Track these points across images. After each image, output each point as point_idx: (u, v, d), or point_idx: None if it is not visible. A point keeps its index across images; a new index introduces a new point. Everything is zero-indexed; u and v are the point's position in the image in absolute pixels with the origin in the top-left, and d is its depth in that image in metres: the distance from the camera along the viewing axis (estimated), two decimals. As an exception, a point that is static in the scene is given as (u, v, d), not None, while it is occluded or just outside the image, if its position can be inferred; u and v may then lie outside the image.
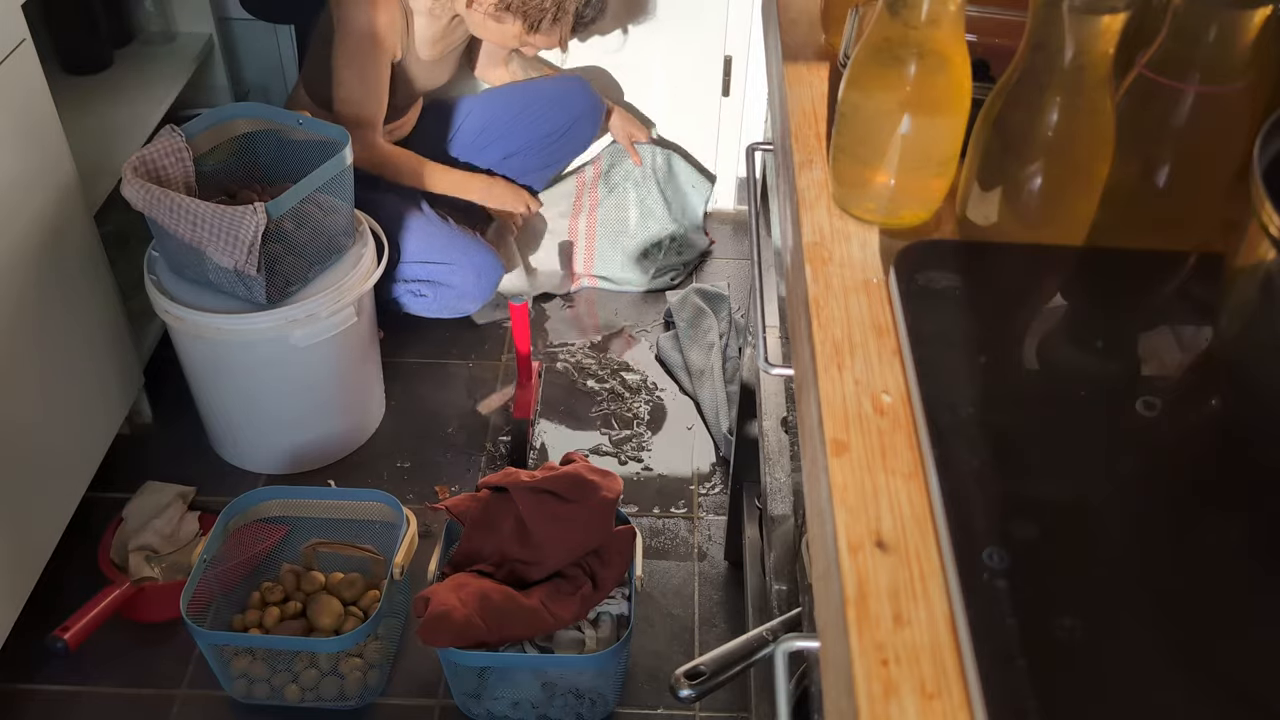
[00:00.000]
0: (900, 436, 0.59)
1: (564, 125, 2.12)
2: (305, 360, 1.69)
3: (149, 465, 1.80)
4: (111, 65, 2.01)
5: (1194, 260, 0.69)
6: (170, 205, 1.51)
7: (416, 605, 1.35)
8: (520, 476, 1.47)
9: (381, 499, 1.56)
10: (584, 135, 2.17)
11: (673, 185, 2.28)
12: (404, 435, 1.90)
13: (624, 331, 2.14)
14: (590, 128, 2.16)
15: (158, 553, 1.60)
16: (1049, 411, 0.61)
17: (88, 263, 1.64)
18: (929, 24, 0.66)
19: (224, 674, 1.46)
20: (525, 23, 1.80)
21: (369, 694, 1.48)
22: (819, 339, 0.66)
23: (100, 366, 1.69)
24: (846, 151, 0.74)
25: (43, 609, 1.52)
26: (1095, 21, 0.61)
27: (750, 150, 1.14)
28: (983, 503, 0.54)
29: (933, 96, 0.69)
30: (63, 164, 1.57)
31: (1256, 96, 0.65)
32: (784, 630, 0.98)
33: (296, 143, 1.72)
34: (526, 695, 1.43)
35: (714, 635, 1.60)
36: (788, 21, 0.99)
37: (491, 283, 1.98)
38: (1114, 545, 0.54)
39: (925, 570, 0.53)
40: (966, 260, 0.71)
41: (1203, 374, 0.63)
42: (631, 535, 1.47)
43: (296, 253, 1.62)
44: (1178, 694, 0.47)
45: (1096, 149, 0.66)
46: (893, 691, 0.48)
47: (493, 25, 1.84)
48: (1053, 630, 0.49)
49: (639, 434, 1.92)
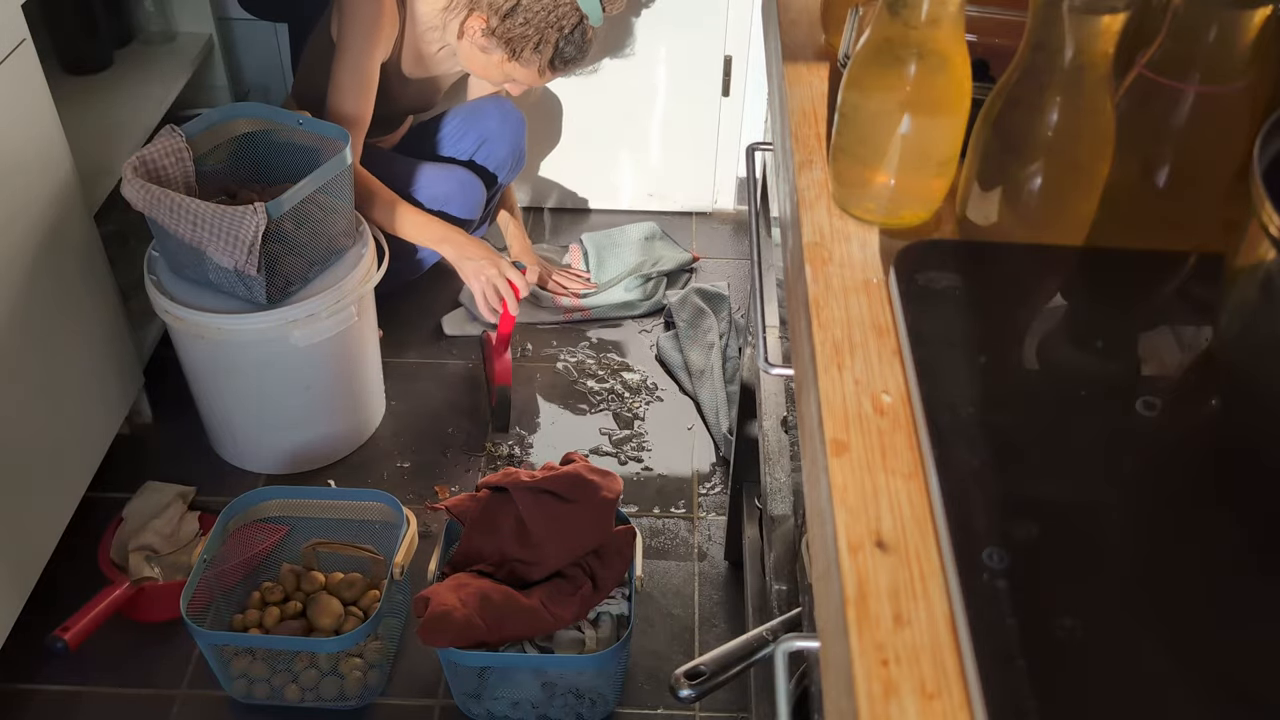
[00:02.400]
0: (900, 436, 0.59)
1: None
2: (305, 360, 1.69)
3: (149, 465, 1.80)
4: (111, 65, 2.01)
5: (1194, 260, 0.69)
6: (170, 205, 1.51)
7: (416, 605, 1.35)
8: (520, 476, 1.47)
9: (381, 499, 1.56)
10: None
11: (650, 249, 2.31)
12: (404, 435, 1.90)
13: (624, 332, 2.14)
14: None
15: (158, 553, 1.60)
16: (1049, 411, 0.61)
17: (88, 263, 1.64)
18: (929, 24, 0.66)
19: (224, 674, 1.46)
20: (508, 49, 1.79)
21: (369, 694, 1.48)
22: (819, 339, 0.66)
23: (100, 366, 1.69)
24: (846, 151, 0.74)
25: (43, 609, 1.52)
26: (1095, 21, 0.61)
27: (750, 150, 1.15)
28: (983, 503, 0.54)
29: (933, 96, 0.69)
30: (63, 164, 1.57)
31: (1256, 96, 0.65)
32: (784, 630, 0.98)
33: (296, 143, 1.72)
34: (526, 695, 1.43)
35: (714, 635, 1.60)
36: (788, 21, 0.99)
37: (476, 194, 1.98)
38: (1114, 545, 0.54)
39: (925, 570, 0.53)
40: (966, 260, 0.71)
41: (1203, 374, 0.63)
42: (631, 535, 1.47)
43: (296, 253, 1.62)
44: (1178, 694, 0.47)
45: (1096, 149, 0.66)
46: (893, 691, 0.48)
47: (479, 57, 1.84)
48: (1053, 630, 0.49)
49: (639, 434, 1.92)
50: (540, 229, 2.42)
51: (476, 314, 2.11)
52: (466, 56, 1.86)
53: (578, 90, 2.30)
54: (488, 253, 1.86)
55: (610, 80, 2.27)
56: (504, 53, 1.80)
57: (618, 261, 2.27)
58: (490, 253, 1.87)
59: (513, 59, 1.81)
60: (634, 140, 2.37)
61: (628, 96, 2.30)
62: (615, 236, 2.33)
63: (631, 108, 2.31)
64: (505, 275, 1.84)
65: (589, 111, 2.33)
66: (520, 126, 2.09)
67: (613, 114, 2.32)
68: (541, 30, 1.77)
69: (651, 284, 2.21)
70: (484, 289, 1.85)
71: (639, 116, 2.33)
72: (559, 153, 2.40)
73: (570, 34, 1.80)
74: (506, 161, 2.10)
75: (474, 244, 1.87)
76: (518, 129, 2.09)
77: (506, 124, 2.07)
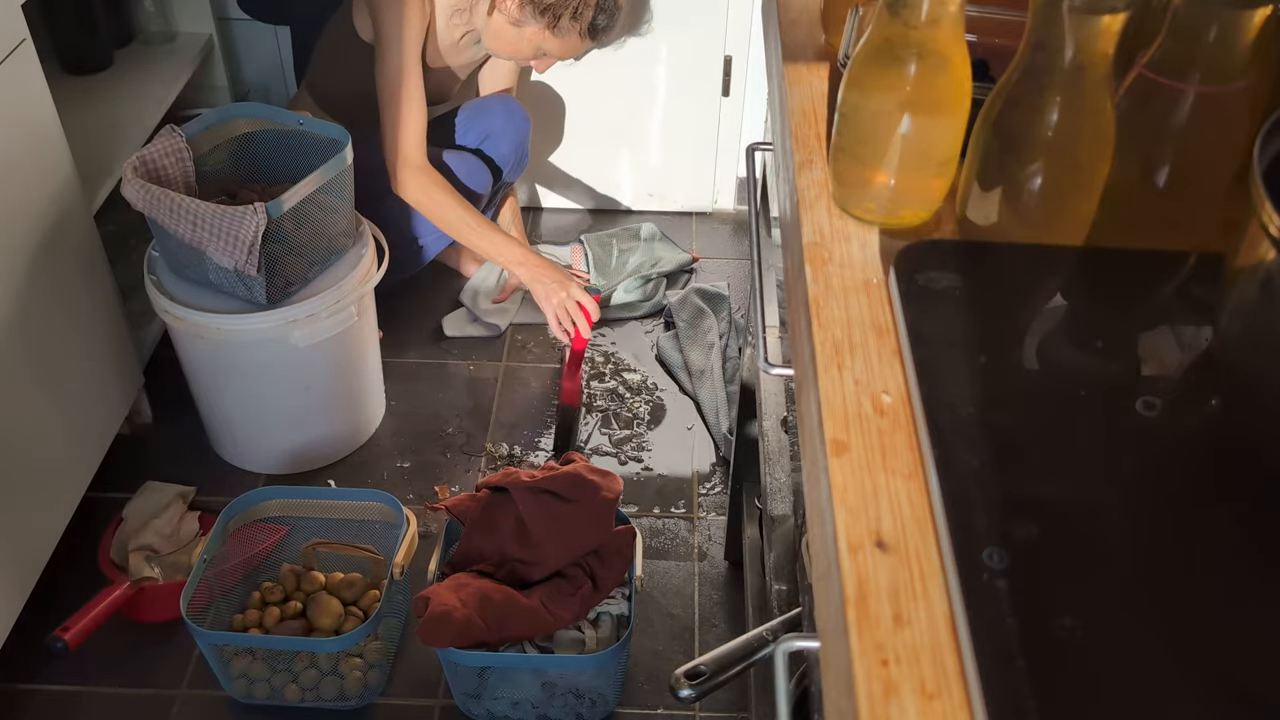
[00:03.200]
0: (900, 436, 0.59)
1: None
2: (305, 360, 1.69)
3: (149, 465, 1.80)
4: (111, 65, 2.01)
5: (1194, 260, 0.69)
6: (170, 205, 1.51)
7: (416, 605, 1.35)
8: (520, 476, 1.47)
9: (381, 499, 1.56)
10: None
11: (650, 251, 2.31)
12: (404, 435, 1.90)
13: (624, 332, 2.14)
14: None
15: (158, 553, 1.60)
16: (1049, 411, 0.61)
17: (88, 263, 1.64)
18: (929, 24, 0.66)
19: (224, 674, 1.46)
20: (546, 17, 1.78)
21: (369, 694, 1.48)
22: (819, 339, 0.66)
23: (100, 366, 1.69)
24: (846, 151, 0.74)
25: (43, 609, 1.52)
26: (1095, 21, 0.61)
27: (750, 150, 1.15)
28: (983, 503, 0.54)
29: (933, 96, 0.69)
30: (63, 164, 1.57)
31: (1256, 96, 0.65)
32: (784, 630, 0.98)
33: (296, 143, 1.72)
34: (526, 695, 1.43)
35: (714, 635, 1.60)
36: (788, 21, 0.99)
37: (484, 174, 2.01)
38: (1114, 545, 0.54)
39: (925, 570, 0.53)
40: (966, 260, 0.71)
41: (1203, 374, 0.63)
42: (631, 535, 1.47)
43: (296, 253, 1.62)
44: (1178, 693, 0.47)
45: (1096, 149, 0.66)
46: (893, 691, 0.48)
47: (509, 33, 1.83)
48: (1053, 630, 0.49)
49: (639, 434, 1.92)
50: (540, 229, 2.42)
51: (478, 314, 2.12)
52: (495, 34, 1.85)
53: (578, 90, 2.30)
54: (561, 276, 1.85)
55: (610, 80, 2.27)
56: (538, 23, 1.80)
57: (618, 263, 2.27)
58: (563, 276, 1.86)
59: (551, 28, 1.80)
60: (634, 140, 2.37)
61: (628, 96, 2.30)
62: (615, 237, 2.33)
63: (631, 108, 2.32)
64: (576, 298, 1.84)
65: (589, 111, 2.33)
66: (525, 125, 2.09)
67: (613, 114, 2.32)
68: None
69: (651, 284, 2.21)
70: (556, 312, 1.84)
71: (639, 116, 2.33)
72: (560, 153, 2.40)
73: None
74: (509, 158, 2.09)
75: (548, 267, 1.86)
76: (522, 127, 2.09)
77: (511, 122, 2.06)
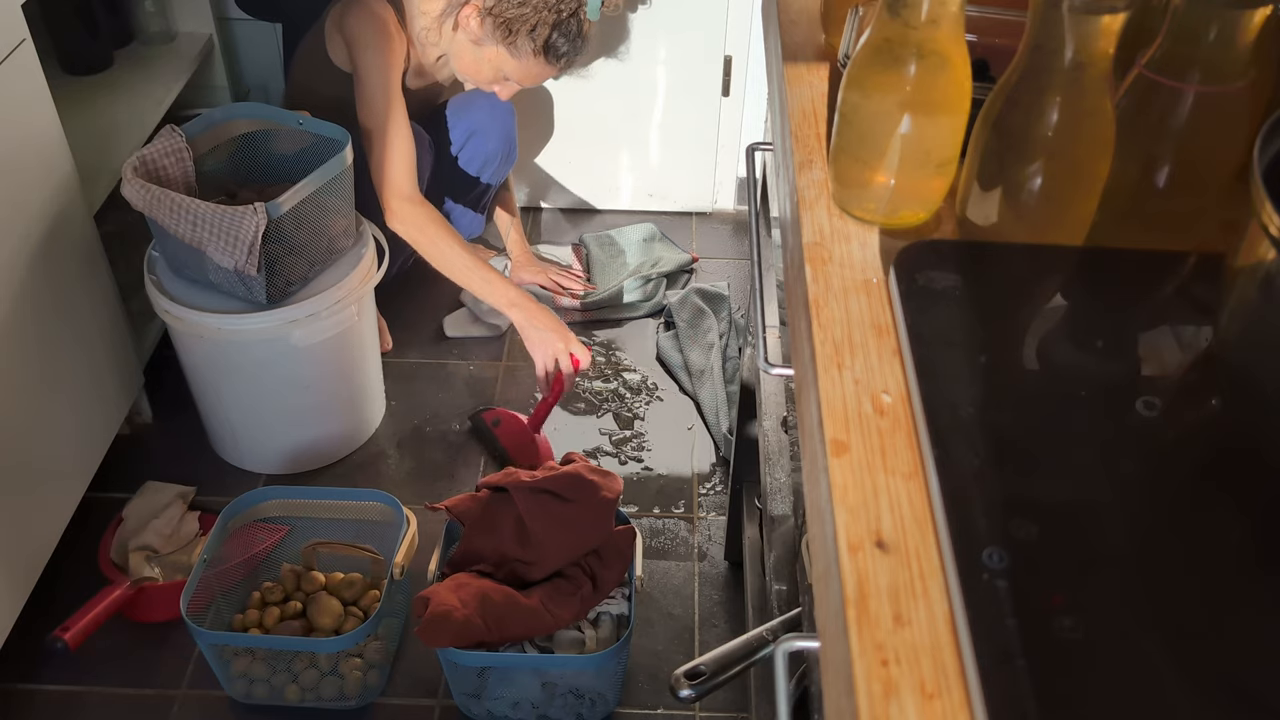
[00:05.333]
0: (900, 436, 0.59)
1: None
2: (305, 360, 1.69)
3: (149, 465, 1.80)
4: (111, 65, 2.01)
5: (1194, 260, 0.69)
6: (170, 205, 1.51)
7: (416, 605, 1.35)
8: (520, 476, 1.47)
9: (381, 499, 1.56)
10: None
11: (650, 251, 2.31)
12: (404, 435, 1.90)
13: (624, 332, 2.14)
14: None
15: (158, 553, 1.60)
16: (1049, 411, 0.61)
17: (88, 263, 1.64)
18: (929, 24, 0.66)
19: (224, 674, 1.46)
20: (503, 31, 1.76)
21: (369, 694, 1.48)
22: (819, 339, 0.66)
23: (100, 366, 1.69)
24: (846, 151, 0.74)
25: (43, 609, 1.53)
26: (1095, 21, 0.61)
27: (750, 150, 1.14)
28: (983, 503, 0.54)
29: (933, 96, 0.69)
30: (63, 164, 1.57)
31: (1256, 96, 0.65)
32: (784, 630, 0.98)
33: (296, 143, 1.72)
34: (526, 695, 1.43)
35: (714, 635, 1.60)
36: (788, 21, 0.99)
37: (506, 119, 2.03)
38: (1114, 545, 0.54)
39: (925, 570, 0.53)
40: (966, 260, 0.71)
41: (1203, 374, 0.63)
42: (631, 535, 1.47)
43: (296, 253, 1.62)
44: (1178, 694, 0.47)
45: (1096, 149, 0.66)
46: (893, 691, 0.48)
47: (470, 52, 1.81)
48: (1053, 630, 0.49)
49: (639, 434, 1.92)
50: (540, 229, 2.42)
51: (480, 314, 2.11)
52: (458, 54, 1.83)
53: (578, 90, 2.30)
54: (556, 325, 1.80)
55: (610, 80, 2.27)
56: (497, 40, 1.78)
57: (618, 263, 2.27)
58: (559, 325, 1.80)
59: (507, 42, 1.77)
60: (634, 140, 2.37)
61: (627, 96, 2.30)
62: (615, 237, 2.33)
63: (631, 108, 2.31)
64: (570, 350, 1.79)
65: (589, 111, 2.33)
66: (509, 117, 2.07)
67: (613, 114, 2.32)
68: (539, 12, 1.75)
69: (651, 284, 2.21)
70: (545, 360, 1.80)
71: (639, 116, 2.33)
72: (559, 153, 2.40)
73: (566, 21, 1.78)
74: (497, 154, 2.07)
75: (543, 314, 1.81)
76: (506, 120, 2.07)
77: (495, 116, 2.04)
